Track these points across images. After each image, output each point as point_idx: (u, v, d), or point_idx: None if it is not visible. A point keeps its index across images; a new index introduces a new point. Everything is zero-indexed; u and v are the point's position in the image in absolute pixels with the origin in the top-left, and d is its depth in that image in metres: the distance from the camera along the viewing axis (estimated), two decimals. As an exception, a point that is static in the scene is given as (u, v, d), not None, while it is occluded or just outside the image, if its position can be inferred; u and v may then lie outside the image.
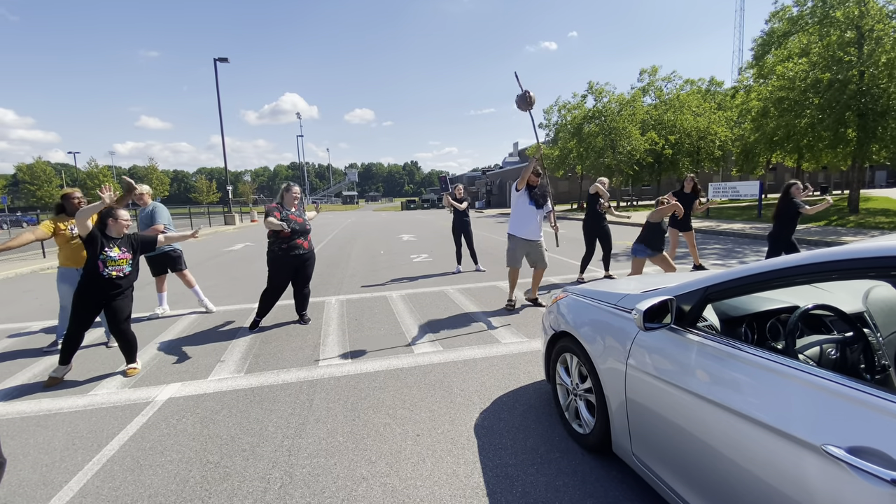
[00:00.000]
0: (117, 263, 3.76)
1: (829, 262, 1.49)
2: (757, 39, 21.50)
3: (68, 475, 2.56)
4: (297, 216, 5.11)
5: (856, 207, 17.08)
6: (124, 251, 3.83)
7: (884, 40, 14.31)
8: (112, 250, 3.75)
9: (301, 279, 5.29)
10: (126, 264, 3.83)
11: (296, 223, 5.04)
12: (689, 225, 7.99)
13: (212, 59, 26.03)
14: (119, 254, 3.78)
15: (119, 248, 3.80)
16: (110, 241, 3.78)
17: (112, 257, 3.74)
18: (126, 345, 3.99)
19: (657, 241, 5.90)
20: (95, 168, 67.08)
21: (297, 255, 5.09)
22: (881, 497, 1.12)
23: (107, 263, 3.71)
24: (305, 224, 5.17)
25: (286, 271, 5.13)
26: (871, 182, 44.46)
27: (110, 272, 3.73)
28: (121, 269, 3.79)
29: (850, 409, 1.27)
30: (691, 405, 1.74)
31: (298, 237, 5.08)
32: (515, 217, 5.46)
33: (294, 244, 5.05)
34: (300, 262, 5.17)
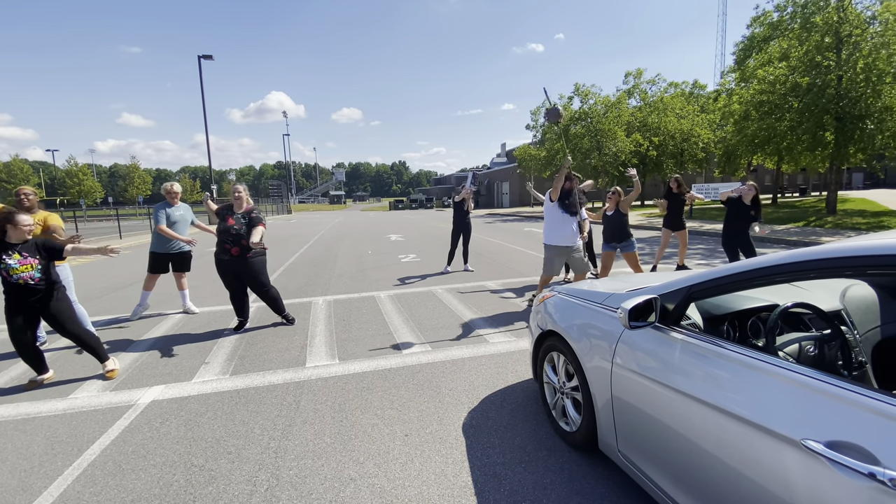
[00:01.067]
0: (20, 271, 3.52)
1: (807, 262, 1.53)
2: (739, 44, 21.96)
3: (48, 480, 2.50)
4: (233, 218, 4.83)
5: (833, 208, 17.52)
6: (26, 257, 3.56)
7: (861, 45, 14.72)
8: (11, 258, 3.51)
9: (250, 286, 5.02)
10: (32, 269, 3.57)
11: (224, 224, 4.78)
12: (682, 224, 8.10)
13: (196, 57, 25.65)
14: (20, 260, 3.53)
15: (19, 255, 3.54)
16: (10, 248, 3.54)
17: (11, 265, 3.50)
18: (86, 346, 3.86)
19: (615, 235, 6.13)
20: (75, 166, 65.48)
21: (225, 261, 4.85)
22: (859, 490, 1.15)
23: (10, 272, 3.50)
24: (232, 229, 4.76)
25: (225, 275, 4.94)
26: (849, 184, 45.66)
27: (17, 279, 3.52)
28: (27, 275, 3.55)
29: (829, 405, 1.31)
30: (675, 402, 1.77)
31: (225, 241, 4.79)
32: (550, 226, 5.31)
33: (222, 248, 4.82)
34: (232, 269, 4.89)
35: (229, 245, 4.79)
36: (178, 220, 5.78)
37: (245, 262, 4.88)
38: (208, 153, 27.37)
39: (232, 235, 4.77)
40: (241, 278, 4.96)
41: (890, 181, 40.85)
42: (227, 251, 4.80)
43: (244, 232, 4.80)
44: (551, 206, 5.27)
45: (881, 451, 1.14)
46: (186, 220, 5.91)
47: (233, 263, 4.85)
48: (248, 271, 4.92)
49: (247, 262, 4.89)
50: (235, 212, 4.89)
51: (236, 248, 4.80)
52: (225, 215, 4.86)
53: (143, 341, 4.91)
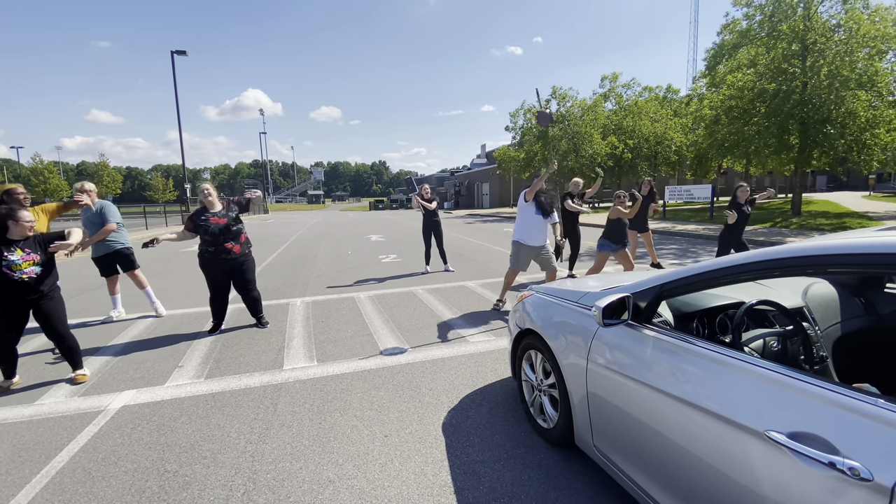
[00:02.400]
0: (23, 267, 3.47)
1: (771, 261, 1.60)
2: (710, 50, 22.62)
3: (15, 489, 2.42)
4: (221, 217, 4.75)
5: (798, 210, 18.23)
6: (28, 252, 3.53)
7: (826, 53, 15.36)
8: (13, 254, 3.46)
9: (240, 284, 4.97)
10: (34, 265, 3.53)
11: (216, 226, 4.69)
12: (646, 226, 8.33)
13: (169, 52, 24.98)
14: (22, 256, 3.49)
15: (22, 251, 3.50)
16: (11, 244, 3.49)
17: (14, 261, 3.44)
18: (67, 350, 3.77)
19: (619, 236, 6.32)
20: (40, 164, 62.77)
21: (227, 259, 4.78)
22: (820, 479, 1.20)
23: (12, 268, 3.43)
24: (230, 225, 4.76)
25: (217, 274, 4.85)
26: (813, 186, 47.51)
27: (20, 276, 3.46)
28: (30, 270, 3.50)
29: (791, 398, 1.37)
30: (647, 397, 1.82)
31: (224, 240, 4.73)
32: (522, 225, 5.44)
33: (221, 248, 4.73)
34: (231, 267, 4.84)
35: (230, 243, 4.75)
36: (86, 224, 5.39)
37: (246, 258, 4.96)
38: (182, 151, 26.69)
39: (232, 232, 4.78)
40: (234, 277, 4.92)
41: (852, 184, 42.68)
42: (229, 249, 4.75)
43: (242, 225, 4.90)
44: (525, 205, 5.39)
45: (841, 441, 1.19)
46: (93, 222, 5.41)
47: (232, 261, 4.82)
48: (247, 268, 4.97)
49: (247, 258, 4.98)
50: (211, 211, 4.77)
51: (238, 246, 4.83)
52: (208, 219, 4.70)
53: (114, 344, 4.77)
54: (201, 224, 4.68)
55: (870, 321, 2.31)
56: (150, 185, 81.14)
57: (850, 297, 2.40)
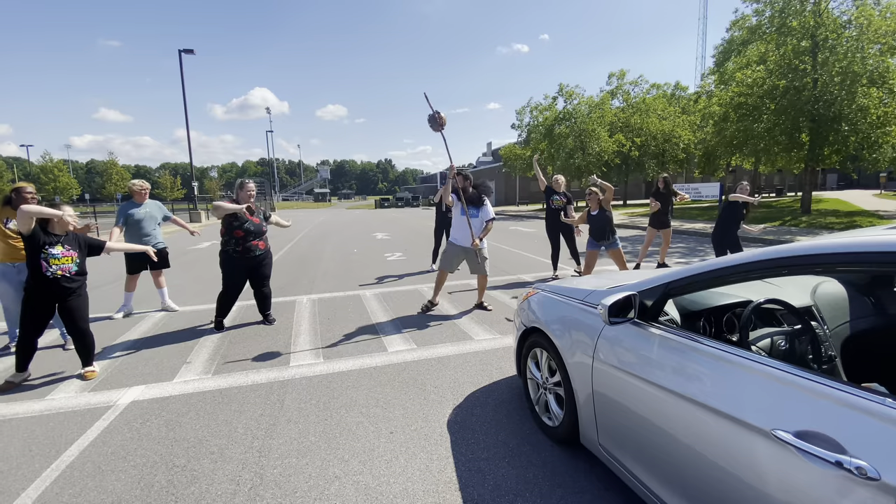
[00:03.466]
0: (61, 262, 3.53)
1: (779, 259, 1.59)
2: (718, 47, 22.47)
3: (25, 482, 2.45)
4: (253, 216, 4.94)
5: (808, 208, 18.03)
6: (68, 249, 3.60)
7: (837, 49, 15.15)
8: (54, 248, 3.52)
9: (258, 279, 5.09)
10: (72, 262, 3.61)
11: (251, 223, 4.87)
12: (668, 223, 8.24)
13: (177, 51, 25.12)
14: (62, 251, 3.55)
15: (62, 246, 3.57)
16: (53, 238, 3.55)
17: (55, 255, 3.51)
18: (84, 347, 3.83)
19: (600, 233, 6.21)
20: (50, 162, 63.50)
21: (253, 257, 4.91)
22: (826, 478, 1.19)
23: (49, 262, 3.48)
24: (262, 225, 5.00)
25: (240, 273, 4.95)
26: (823, 184, 46.96)
27: (55, 271, 3.51)
28: (66, 267, 3.57)
29: (799, 397, 1.35)
30: (653, 395, 1.82)
31: (253, 238, 4.88)
32: (454, 225, 5.49)
33: (249, 245, 4.85)
34: (255, 264, 4.98)
35: (256, 240, 4.92)
36: (144, 218, 5.66)
37: (267, 255, 5.13)
38: (189, 150, 26.88)
39: (263, 232, 5.02)
40: (257, 272, 5.05)
41: (863, 182, 42.10)
42: (255, 247, 4.90)
43: (265, 226, 5.12)
44: (457, 205, 5.37)
45: (848, 441, 1.18)
46: (154, 216, 5.79)
47: (257, 259, 4.97)
48: (267, 264, 5.15)
49: (268, 255, 5.15)
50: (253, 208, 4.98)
51: (262, 242, 5.00)
52: (245, 216, 4.87)
53: (124, 340, 4.82)
54: (240, 217, 4.79)
55: (879, 320, 2.28)
56: (159, 182, 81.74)
57: (860, 296, 2.38)
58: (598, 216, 6.20)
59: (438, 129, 5.11)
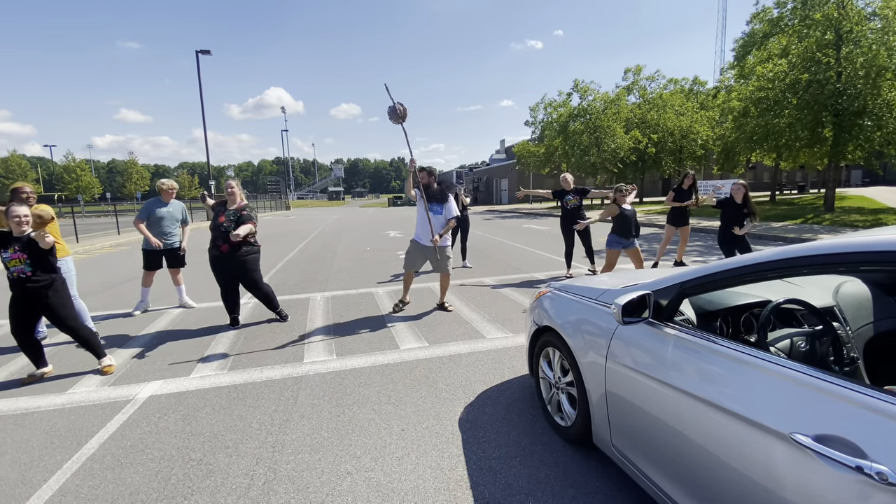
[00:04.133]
0: (11, 264, 3.53)
1: (800, 258, 1.54)
2: (738, 40, 21.94)
3: (47, 474, 2.52)
4: (226, 216, 4.83)
5: (831, 206, 17.55)
6: (17, 251, 3.55)
7: (861, 42, 14.69)
8: (6, 251, 3.53)
9: (245, 283, 4.99)
10: (21, 264, 3.55)
11: (216, 221, 4.82)
12: (686, 220, 8.10)
13: (194, 51, 25.52)
14: (11, 254, 3.54)
15: (12, 248, 3.55)
16: (11, 241, 3.55)
17: (5, 257, 3.53)
18: (84, 343, 3.87)
19: (626, 231, 6.08)
20: (73, 162, 65.19)
21: (214, 256, 4.86)
22: (846, 483, 1.15)
23: (7, 264, 3.53)
24: (220, 226, 4.76)
25: (217, 271, 4.96)
26: (847, 181, 45.72)
27: (12, 273, 3.54)
28: (19, 269, 3.55)
29: (818, 399, 1.31)
30: (668, 397, 1.78)
31: (217, 239, 4.80)
32: (418, 223, 5.45)
33: (214, 243, 4.82)
34: (226, 265, 4.88)
35: (220, 242, 4.79)
36: (165, 216, 5.79)
37: (236, 259, 4.85)
38: (206, 149, 27.29)
39: (221, 232, 4.76)
40: (233, 275, 4.97)
41: (888, 178, 40.87)
42: (218, 248, 4.80)
43: (233, 229, 4.74)
44: (420, 202, 5.31)
45: (868, 445, 1.15)
46: (174, 217, 5.91)
47: (224, 260, 4.85)
48: (241, 268, 4.91)
49: (238, 259, 4.86)
50: (228, 208, 4.91)
51: (226, 246, 4.77)
52: (218, 212, 4.88)
53: (142, 336, 4.93)
54: (213, 212, 4.86)
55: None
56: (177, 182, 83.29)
57: (884, 297, 2.31)
58: (629, 212, 6.09)
59: (399, 121, 4.95)
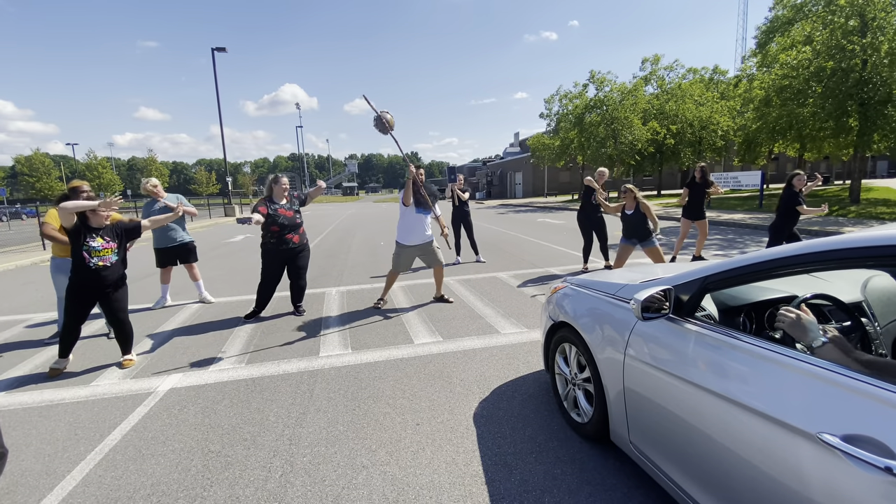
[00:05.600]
0: (101, 253, 3.72)
1: (827, 252, 1.48)
2: (761, 27, 21.31)
3: (71, 465, 2.59)
4: (287, 209, 5.03)
5: (857, 198, 17.02)
6: (108, 241, 3.78)
7: (886, 29, 14.15)
8: (94, 240, 3.70)
9: (294, 271, 5.25)
10: (111, 254, 3.79)
11: (285, 217, 4.98)
12: (703, 214, 7.93)
13: (210, 50, 25.80)
14: (103, 243, 3.74)
15: (102, 238, 3.75)
16: (92, 231, 3.73)
17: (95, 247, 3.69)
18: (123, 336, 4.02)
19: (630, 231, 6.05)
20: (94, 159, 66.70)
21: (288, 249, 5.06)
22: (875, 484, 1.12)
23: (91, 254, 3.68)
24: (295, 218, 5.09)
25: (276, 264, 5.11)
26: (873, 172, 44.27)
27: (96, 262, 3.70)
28: (106, 258, 3.75)
29: (846, 398, 1.27)
30: (689, 394, 1.74)
31: (288, 232, 5.01)
32: (402, 226, 5.43)
33: (284, 238, 5.00)
34: (290, 256, 5.13)
35: (291, 234, 5.03)
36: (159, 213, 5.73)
37: (304, 248, 5.24)
38: (223, 146, 27.68)
39: (297, 224, 5.11)
40: (294, 264, 5.18)
41: (917, 169, 39.49)
42: (289, 240, 5.03)
43: (300, 216, 5.17)
44: (405, 208, 5.30)
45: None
46: None
47: (292, 251, 5.10)
48: (304, 256, 5.26)
49: (305, 248, 5.25)
50: (278, 202, 5.01)
51: (297, 236, 5.10)
52: (276, 210, 4.95)
53: (162, 331, 5.02)
54: (272, 214, 4.91)
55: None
56: (195, 178, 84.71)
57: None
58: (634, 215, 5.98)
59: (387, 131, 4.99)
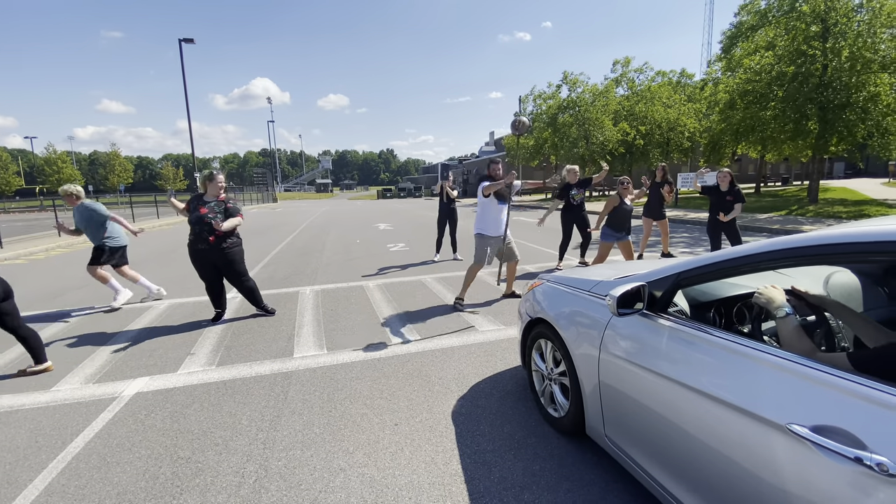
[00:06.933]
0: None
1: (792, 249, 1.54)
2: (726, 32, 22.03)
3: (32, 473, 2.46)
4: (209, 209, 4.73)
5: (815, 197, 17.83)
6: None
7: (847, 34, 14.83)
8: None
9: (229, 276, 4.96)
10: None
11: (196, 214, 4.68)
12: (663, 213, 8.17)
13: (177, 41, 24.91)
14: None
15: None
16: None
17: None
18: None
19: (620, 225, 6.20)
20: (54, 153, 63.54)
21: (202, 250, 4.75)
22: (845, 474, 1.16)
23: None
24: (205, 218, 4.66)
25: (201, 265, 4.85)
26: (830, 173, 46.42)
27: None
28: None
29: (815, 390, 1.31)
30: (662, 388, 1.78)
31: (202, 231, 4.68)
32: (484, 218, 5.31)
33: (200, 237, 4.71)
34: (211, 258, 4.80)
35: (206, 234, 4.70)
36: (78, 221, 5.59)
37: (222, 251, 4.81)
38: (191, 140, 26.81)
39: (206, 224, 4.68)
40: (218, 268, 4.89)
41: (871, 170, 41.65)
42: (205, 240, 4.71)
43: (220, 220, 4.74)
44: (486, 200, 5.24)
45: (868, 436, 1.15)
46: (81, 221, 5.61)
47: (209, 253, 4.77)
48: (226, 261, 4.86)
49: (223, 251, 4.81)
50: (207, 200, 4.78)
51: (213, 237, 4.72)
52: (196, 205, 4.73)
53: (127, 332, 4.82)
54: (191, 210, 4.74)
55: (894, 311, 2.23)
56: (161, 174, 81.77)
57: (874, 287, 2.33)
58: (628, 208, 6.17)
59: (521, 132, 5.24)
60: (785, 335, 1.61)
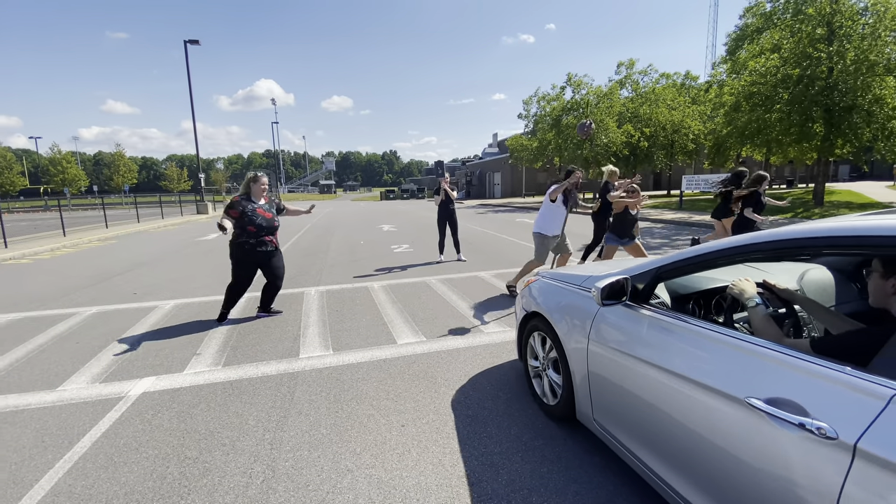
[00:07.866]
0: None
1: (762, 243, 1.65)
2: (731, 34, 22.04)
3: (39, 473, 2.46)
4: (266, 210, 4.87)
5: (821, 200, 17.75)
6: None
7: (852, 37, 14.78)
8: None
9: (272, 272, 5.04)
10: None
11: (263, 218, 4.79)
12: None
13: (182, 42, 25.01)
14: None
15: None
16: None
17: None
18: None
19: (623, 230, 6.22)
20: (58, 154, 63.82)
21: (264, 252, 4.87)
22: (792, 440, 1.29)
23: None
24: (273, 220, 4.91)
25: (250, 267, 4.91)
26: (835, 176, 46.25)
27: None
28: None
29: (770, 368, 1.45)
30: (641, 371, 1.92)
31: (266, 233, 4.83)
32: (548, 219, 5.68)
33: (262, 240, 4.82)
34: (266, 259, 4.93)
35: (269, 236, 4.89)
36: None
37: (278, 250, 5.09)
38: (196, 141, 26.88)
39: (275, 227, 4.96)
40: (269, 268, 5.00)
41: (876, 173, 41.38)
42: (268, 242, 4.90)
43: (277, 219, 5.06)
44: (552, 203, 5.64)
45: (812, 406, 1.28)
46: None
47: (268, 254, 4.94)
48: (279, 260, 5.12)
49: (279, 251, 5.12)
50: (256, 201, 4.86)
51: (275, 239, 5.00)
52: (254, 210, 4.77)
53: (132, 332, 4.83)
54: (248, 214, 4.72)
55: (864, 305, 2.35)
56: (165, 174, 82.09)
57: (847, 282, 2.51)
58: (633, 216, 6.16)
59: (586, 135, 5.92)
60: (755, 323, 1.77)
